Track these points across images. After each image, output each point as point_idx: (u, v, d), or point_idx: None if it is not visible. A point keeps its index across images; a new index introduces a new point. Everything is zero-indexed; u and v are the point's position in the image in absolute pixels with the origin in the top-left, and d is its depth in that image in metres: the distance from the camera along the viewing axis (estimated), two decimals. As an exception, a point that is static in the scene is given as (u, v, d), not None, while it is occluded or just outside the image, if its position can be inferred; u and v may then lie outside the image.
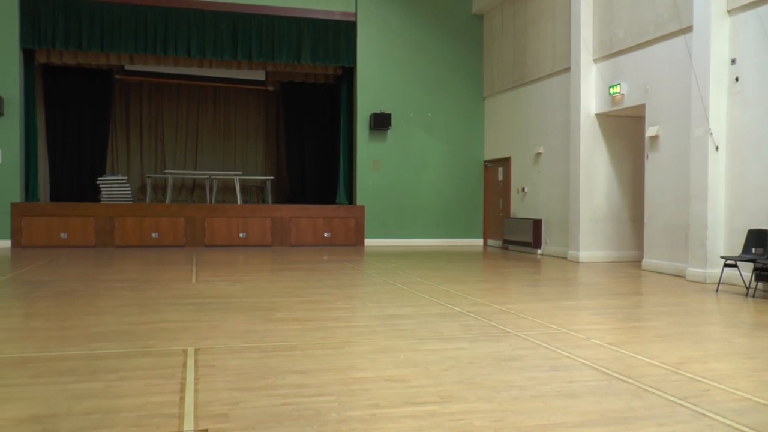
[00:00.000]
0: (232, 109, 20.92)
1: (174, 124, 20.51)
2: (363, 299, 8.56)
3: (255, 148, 21.14)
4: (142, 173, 19.90)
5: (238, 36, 16.99)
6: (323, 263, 12.85)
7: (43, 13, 16.07)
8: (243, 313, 7.25)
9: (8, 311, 7.79)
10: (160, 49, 16.66)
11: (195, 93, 20.58)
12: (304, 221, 16.97)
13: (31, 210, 15.75)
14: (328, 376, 4.75)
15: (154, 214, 16.29)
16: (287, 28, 17.23)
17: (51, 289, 9.09)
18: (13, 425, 3.75)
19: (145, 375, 4.74)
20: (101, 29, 16.34)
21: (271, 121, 21.27)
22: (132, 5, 16.47)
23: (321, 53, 17.51)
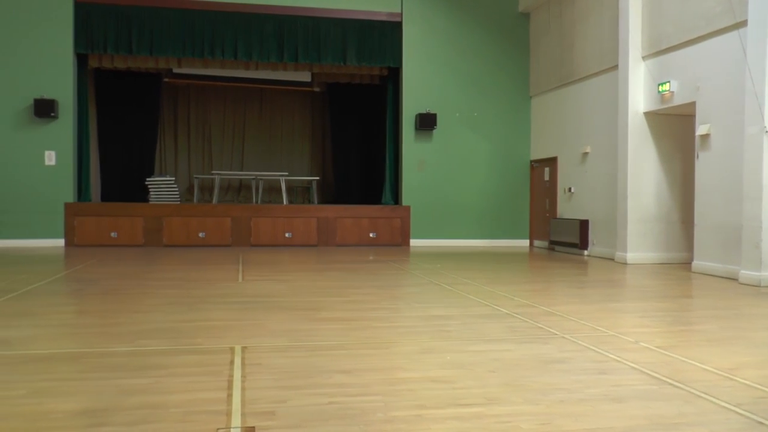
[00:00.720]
0: (278, 111, 21.12)
1: (221, 125, 20.80)
2: (407, 299, 8.55)
3: (301, 149, 21.31)
4: (189, 174, 20.24)
5: (283, 38, 17.14)
6: (368, 263, 12.87)
7: (95, 19, 16.48)
8: (288, 312, 7.30)
9: (62, 308, 8.01)
10: (207, 52, 16.92)
11: (241, 95, 20.84)
12: (349, 221, 17.04)
13: (83, 210, 16.15)
14: (373, 375, 4.75)
15: (201, 214, 16.54)
16: (333, 29, 17.32)
17: (101, 286, 9.30)
18: (68, 418, 3.85)
19: (192, 372, 4.81)
20: (150, 34, 16.69)
21: (316, 121, 21.42)
22: (180, 10, 16.76)
23: (366, 54, 17.56)
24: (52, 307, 7.95)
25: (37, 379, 4.64)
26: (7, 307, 7.58)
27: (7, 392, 4.32)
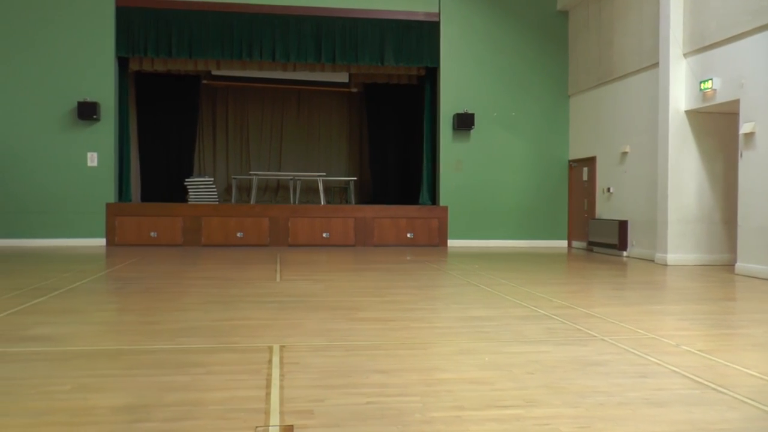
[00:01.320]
0: (315, 111, 21.23)
1: (259, 126, 20.99)
2: (445, 300, 8.52)
3: (338, 149, 21.39)
4: (227, 175, 20.46)
5: (321, 39, 17.22)
6: (405, 263, 12.85)
7: (136, 23, 16.78)
8: (326, 311, 7.33)
9: (103, 306, 8.17)
10: (245, 54, 17.09)
11: (279, 96, 21.00)
12: (386, 221, 17.05)
13: (123, 210, 16.45)
14: (411, 376, 4.74)
15: (239, 215, 16.71)
16: (370, 29, 17.35)
17: (141, 285, 9.45)
18: (110, 413, 3.92)
19: (230, 370, 4.85)
20: (189, 37, 16.91)
21: (354, 122, 21.48)
22: (219, 12, 16.96)
23: (404, 54, 17.54)
24: (94, 304, 8.12)
25: (81, 375, 4.74)
26: (51, 305, 7.75)
27: (52, 387, 4.42)
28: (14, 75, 16.34)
